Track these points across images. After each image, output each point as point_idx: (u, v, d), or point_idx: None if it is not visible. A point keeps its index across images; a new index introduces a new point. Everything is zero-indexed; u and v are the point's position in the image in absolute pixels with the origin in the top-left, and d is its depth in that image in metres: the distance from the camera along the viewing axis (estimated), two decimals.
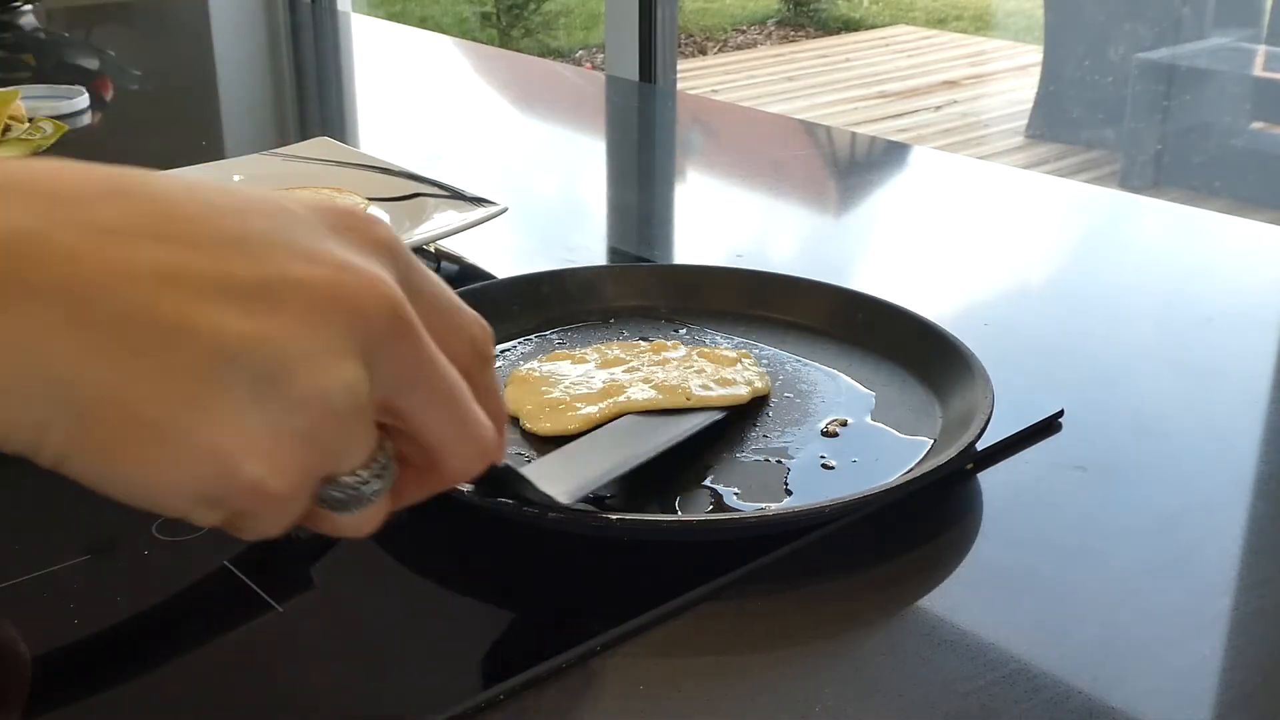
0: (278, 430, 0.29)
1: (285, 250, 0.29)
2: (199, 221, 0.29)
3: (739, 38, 5.64)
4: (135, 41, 1.69)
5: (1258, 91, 3.49)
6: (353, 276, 0.29)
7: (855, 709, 0.39)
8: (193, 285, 0.28)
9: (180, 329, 0.27)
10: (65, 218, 0.27)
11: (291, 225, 0.30)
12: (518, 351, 0.63)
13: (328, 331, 0.29)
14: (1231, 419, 0.59)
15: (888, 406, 0.57)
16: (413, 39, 1.72)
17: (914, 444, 0.53)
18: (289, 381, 0.28)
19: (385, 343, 0.30)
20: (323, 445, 0.30)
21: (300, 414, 0.29)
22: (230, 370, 0.28)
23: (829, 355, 0.62)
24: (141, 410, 0.27)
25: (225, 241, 0.29)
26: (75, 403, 0.27)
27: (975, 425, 0.51)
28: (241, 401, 0.28)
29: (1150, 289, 0.77)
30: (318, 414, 0.29)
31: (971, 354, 0.57)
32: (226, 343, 0.28)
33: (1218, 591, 0.45)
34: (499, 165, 1.06)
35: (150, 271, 0.27)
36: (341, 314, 0.29)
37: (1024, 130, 4.00)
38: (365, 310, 0.29)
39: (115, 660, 0.41)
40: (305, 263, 0.29)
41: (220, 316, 0.28)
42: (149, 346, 0.27)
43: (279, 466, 0.29)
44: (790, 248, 0.89)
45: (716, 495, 0.50)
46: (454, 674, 0.40)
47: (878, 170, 1.11)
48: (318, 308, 0.29)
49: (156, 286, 0.27)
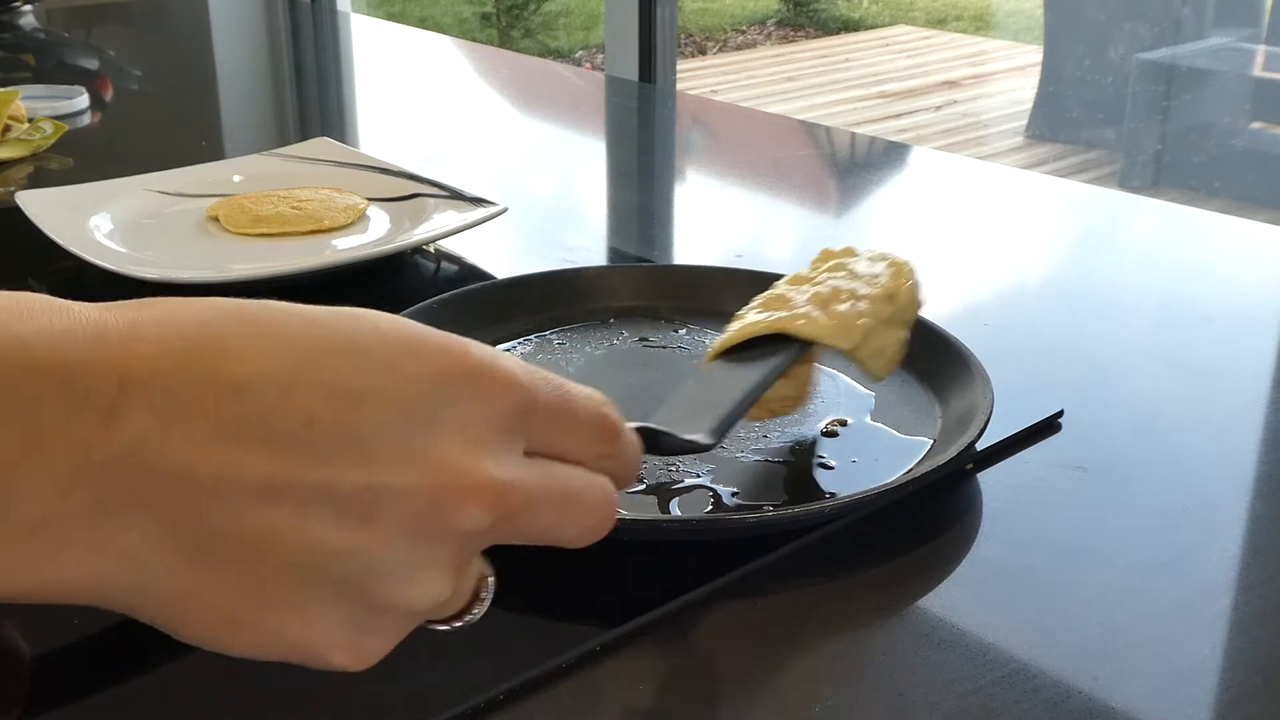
0: (358, 629, 0.29)
1: (395, 448, 0.29)
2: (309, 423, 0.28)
3: (739, 38, 5.64)
4: (135, 41, 1.69)
5: (1258, 91, 3.49)
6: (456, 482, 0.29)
7: (855, 709, 0.39)
8: (294, 497, 0.28)
9: (276, 538, 0.28)
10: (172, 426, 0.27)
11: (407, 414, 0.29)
12: (518, 351, 0.63)
13: (427, 545, 0.29)
14: (1231, 419, 0.59)
15: (887, 406, 0.57)
16: (413, 39, 1.72)
17: (914, 444, 0.53)
18: (379, 592, 0.29)
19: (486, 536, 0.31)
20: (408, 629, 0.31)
21: (385, 619, 0.30)
22: (323, 578, 0.28)
23: (828, 355, 0.62)
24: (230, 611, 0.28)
25: (334, 446, 0.28)
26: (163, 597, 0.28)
27: (975, 425, 0.51)
28: (330, 605, 0.29)
29: (1150, 289, 0.77)
30: (402, 621, 0.30)
31: (971, 354, 0.57)
32: (323, 554, 0.28)
33: (1218, 591, 0.45)
34: (499, 165, 1.06)
35: (253, 485, 0.28)
36: (438, 528, 0.29)
37: (1024, 130, 4.00)
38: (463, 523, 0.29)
39: (115, 660, 0.41)
40: (410, 470, 0.29)
41: (319, 529, 0.28)
42: (245, 556, 0.28)
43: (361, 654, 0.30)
44: (790, 248, 0.88)
45: (716, 495, 0.50)
46: (454, 674, 0.40)
47: (878, 170, 1.11)
48: (415, 522, 0.29)
49: (257, 500, 0.28)
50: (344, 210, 0.81)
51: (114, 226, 0.79)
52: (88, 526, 0.27)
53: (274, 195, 0.83)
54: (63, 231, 0.75)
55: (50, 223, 0.76)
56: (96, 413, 0.27)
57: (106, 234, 0.78)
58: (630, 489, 0.35)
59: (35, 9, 1.70)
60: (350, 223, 0.81)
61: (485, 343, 0.33)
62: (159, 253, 0.77)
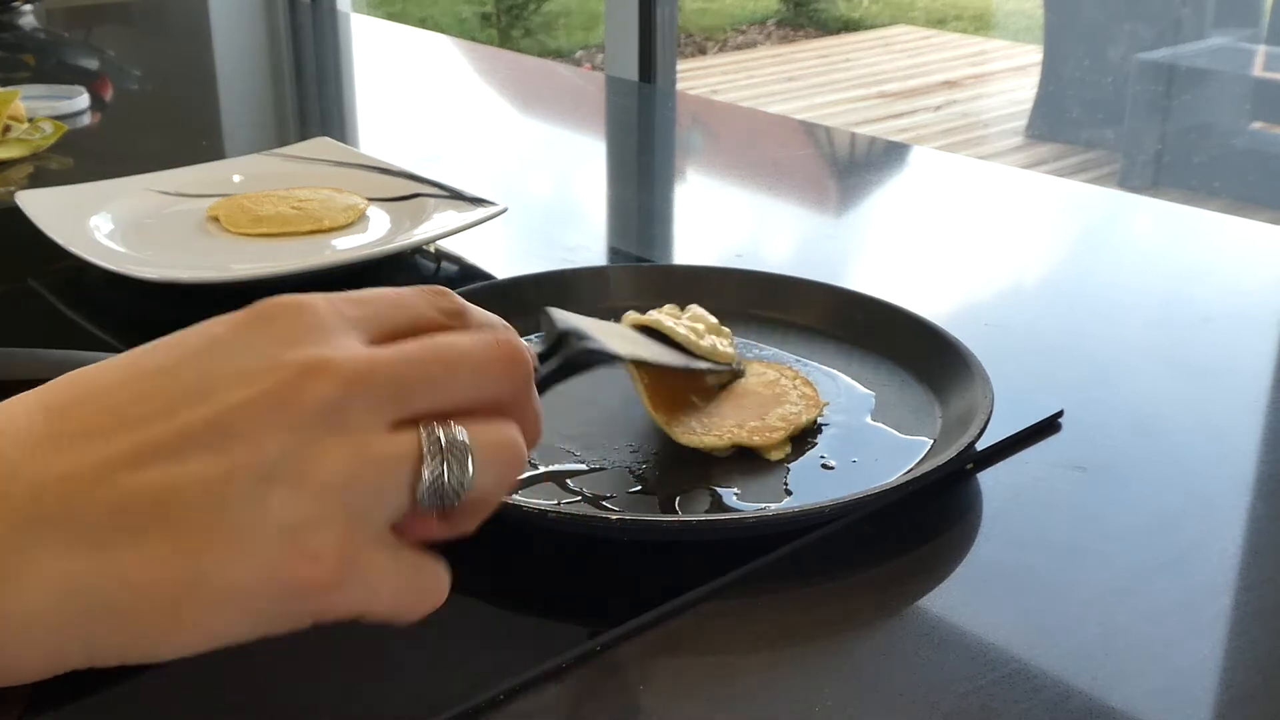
0: (287, 533, 0.30)
1: (222, 382, 0.31)
2: (144, 398, 0.31)
3: (739, 38, 5.64)
4: (135, 41, 1.69)
5: (1258, 91, 3.49)
6: (288, 373, 0.31)
7: (855, 709, 0.39)
8: (164, 451, 0.30)
9: (168, 490, 0.29)
10: (43, 450, 0.29)
11: (218, 357, 0.31)
12: None
13: (293, 430, 0.30)
14: (1231, 419, 0.59)
15: (888, 406, 0.57)
16: (413, 39, 1.72)
17: (914, 444, 0.53)
18: (277, 489, 0.30)
19: (348, 405, 0.31)
20: (351, 510, 0.31)
21: (302, 506, 0.30)
22: (226, 505, 0.30)
23: (829, 355, 0.62)
24: (162, 579, 0.29)
25: (172, 403, 0.30)
26: (103, 601, 0.29)
27: (975, 425, 0.51)
28: (247, 529, 0.30)
29: (1149, 289, 0.77)
30: (322, 497, 0.30)
31: (971, 354, 0.57)
32: (212, 483, 0.29)
33: (1218, 591, 0.45)
34: (499, 165, 1.06)
35: (124, 458, 0.29)
36: (292, 410, 0.31)
37: (1024, 130, 4.00)
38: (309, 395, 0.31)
39: None
40: (243, 385, 0.31)
41: (197, 465, 0.30)
42: (149, 519, 0.29)
43: (309, 559, 0.30)
44: (790, 248, 0.89)
45: (716, 495, 0.50)
46: (454, 674, 0.40)
47: (878, 170, 1.11)
48: (272, 416, 0.30)
49: (135, 467, 0.29)
50: (344, 210, 0.81)
51: (114, 226, 0.79)
52: (16, 566, 0.28)
53: (274, 195, 0.83)
54: (63, 231, 0.75)
55: (50, 223, 0.76)
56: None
57: (106, 234, 0.78)
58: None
59: (35, 9, 1.70)
60: (350, 223, 0.81)
61: None
62: (159, 253, 0.77)
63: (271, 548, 0.30)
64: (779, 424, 0.54)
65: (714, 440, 0.52)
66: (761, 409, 0.55)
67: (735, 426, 0.53)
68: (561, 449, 0.53)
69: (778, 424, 0.54)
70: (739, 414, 0.54)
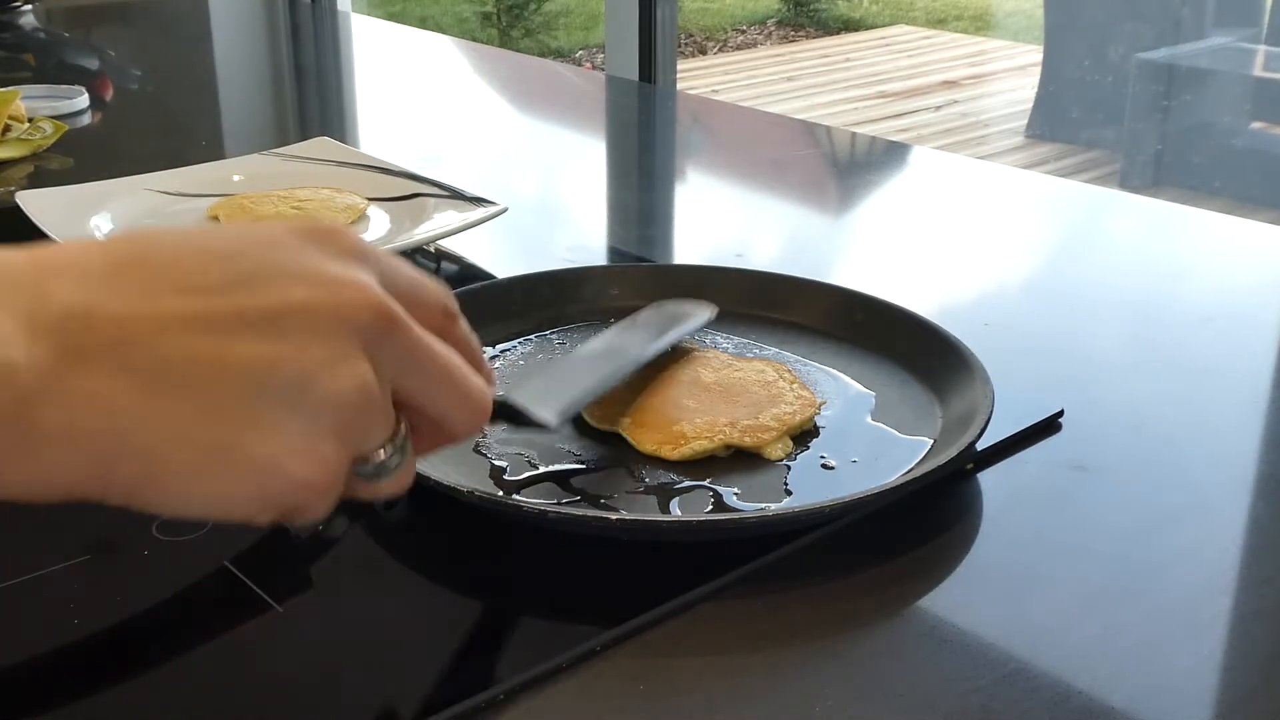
0: (313, 433, 0.33)
1: (283, 279, 0.34)
2: (205, 272, 0.33)
3: (739, 38, 5.64)
4: (135, 41, 1.69)
5: (1258, 91, 3.49)
6: (344, 290, 0.34)
7: (855, 709, 0.39)
8: (218, 325, 0.32)
9: (216, 363, 0.32)
10: (102, 290, 0.32)
11: (280, 254, 0.35)
12: (518, 351, 0.63)
13: (334, 341, 0.34)
14: (1231, 419, 0.59)
15: (888, 406, 0.57)
16: (413, 39, 1.72)
17: (914, 444, 0.53)
18: (313, 389, 0.33)
19: (382, 338, 0.35)
20: (351, 435, 0.35)
21: (328, 414, 0.34)
22: (265, 390, 0.33)
23: (829, 355, 0.62)
24: (201, 438, 0.32)
25: (232, 283, 0.33)
26: (142, 442, 0.32)
27: (975, 425, 0.51)
28: (279, 415, 0.33)
29: (1149, 289, 0.77)
30: (341, 411, 0.34)
31: (971, 353, 0.57)
32: (258, 367, 0.33)
33: (1218, 591, 0.45)
34: (499, 165, 1.06)
35: (180, 320, 0.32)
36: (343, 324, 0.34)
37: (1024, 130, 4.00)
38: (359, 316, 0.34)
39: (115, 660, 0.41)
40: (302, 286, 0.34)
41: (246, 347, 0.33)
42: (195, 382, 0.32)
43: (320, 462, 0.34)
44: (790, 248, 0.89)
45: (716, 495, 0.50)
46: (454, 674, 0.40)
47: (878, 170, 1.11)
48: (321, 323, 0.34)
49: (188, 332, 0.32)
50: (344, 210, 0.81)
51: (114, 226, 0.79)
52: (55, 377, 0.30)
53: (274, 195, 0.83)
54: (63, 231, 0.75)
55: (50, 223, 0.76)
56: (25, 292, 0.31)
57: (106, 234, 0.78)
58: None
59: (35, 9, 1.70)
60: (350, 223, 0.81)
61: (485, 343, 0.34)
62: None
63: (294, 441, 0.33)
64: (772, 424, 0.54)
65: (705, 444, 0.52)
66: (756, 409, 0.55)
67: (728, 426, 0.53)
68: (562, 449, 0.53)
69: (770, 424, 0.54)
70: (733, 414, 0.54)
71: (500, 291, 0.66)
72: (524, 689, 0.40)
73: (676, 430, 0.53)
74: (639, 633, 0.43)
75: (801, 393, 0.56)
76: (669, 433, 0.53)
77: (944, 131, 4.27)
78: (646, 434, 0.53)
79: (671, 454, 0.52)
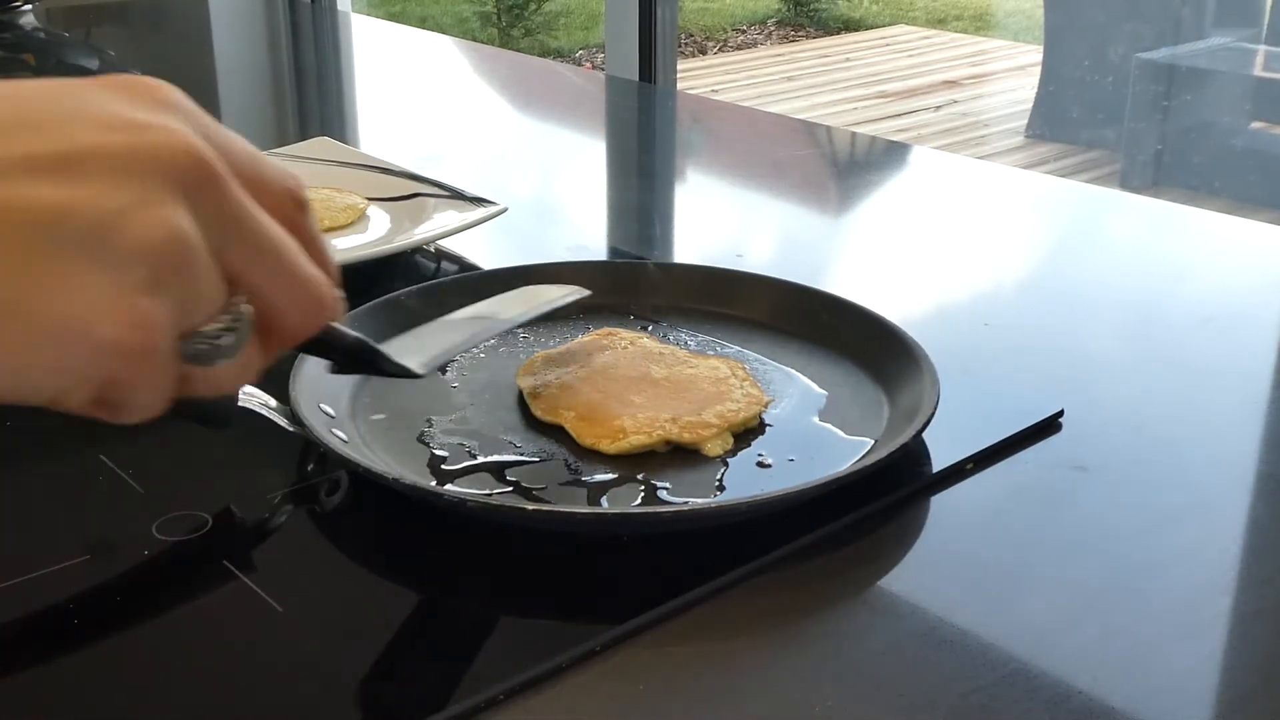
0: (118, 287, 0.29)
1: (78, 122, 0.30)
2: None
3: (739, 38, 5.64)
4: (135, 41, 1.69)
5: (1258, 91, 3.49)
6: (149, 133, 0.30)
7: (855, 709, 0.39)
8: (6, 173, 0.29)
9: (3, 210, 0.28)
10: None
11: (79, 100, 0.31)
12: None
13: (139, 185, 0.30)
14: (1231, 419, 0.59)
15: (838, 406, 0.57)
16: (413, 39, 1.72)
17: (855, 444, 0.53)
18: (115, 237, 0.29)
19: (197, 188, 0.31)
20: (169, 294, 0.30)
21: (136, 265, 0.29)
22: (55, 239, 0.29)
23: (790, 354, 0.62)
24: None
25: (17, 126, 0.30)
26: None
27: (912, 428, 0.51)
28: (76, 268, 0.29)
29: (1149, 289, 0.77)
30: (153, 262, 0.30)
31: (920, 349, 0.56)
32: (43, 213, 0.28)
33: (1218, 591, 0.45)
34: (499, 165, 1.06)
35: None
36: (147, 167, 0.30)
37: (1024, 130, 4.00)
38: (168, 159, 0.30)
39: (115, 660, 0.41)
40: (100, 130, 0.30)
41: (31, 191, 0.28)
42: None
43: (130, 321, 0.29)
44: (789, 247, 0.88)
45: (648, 489, 0.50)
46: (454, 674, 0.40)
47: (878, 170, 1.11)
48: (122, 166, 0.30)
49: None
50: (344, 210, 0.81)
51: None
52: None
53: None
54: None
55: None
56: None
57: None
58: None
59: (35, 9, 1.70)
60: (350, 223, 0.81)
61: None
62: None
63: (98, 295, 0.29)
64: (714, 420, 0.54)
65: (643, 439, 0.52)
66: (700, 405, 0.55)
67: (669, 421, 0.53)
68: (504, 440, 0.53)
69: (712, 420, 0.54)
70: (676, 409, 0.54)
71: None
72: (524, 689, 0.40)
73: (617, 425, 0.53)
74: (638, 633, 0.43)
75: (750, 390, 0.56)
76: (609, 427, 0.53)
77: (944, 131, 4.27)
78: (587, 427, 0.53)
79: (609, 448, 0.52)
